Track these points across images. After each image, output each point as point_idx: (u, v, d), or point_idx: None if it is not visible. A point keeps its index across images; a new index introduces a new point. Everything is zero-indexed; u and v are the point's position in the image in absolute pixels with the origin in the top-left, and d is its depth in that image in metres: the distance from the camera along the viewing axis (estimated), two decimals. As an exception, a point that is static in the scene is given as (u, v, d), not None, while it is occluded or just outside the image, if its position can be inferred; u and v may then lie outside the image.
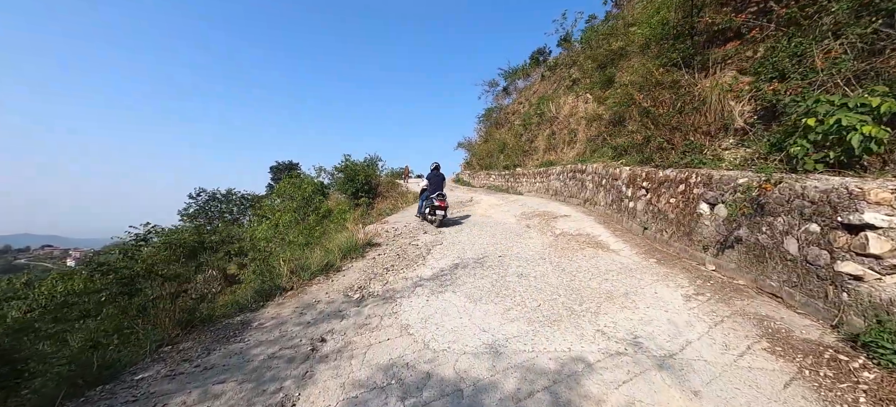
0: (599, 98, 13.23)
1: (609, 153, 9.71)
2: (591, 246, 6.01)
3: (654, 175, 6.31)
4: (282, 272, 4.69)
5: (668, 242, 5.71)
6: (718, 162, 5.46)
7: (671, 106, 6.69)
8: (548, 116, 16.03)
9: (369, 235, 7.52)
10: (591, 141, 12.47)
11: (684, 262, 5.01)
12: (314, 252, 5.65)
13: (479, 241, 6.89)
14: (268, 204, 14.21)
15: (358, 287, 4.77)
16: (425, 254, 6.29)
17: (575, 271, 4.82)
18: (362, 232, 6.79)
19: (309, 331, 3.66)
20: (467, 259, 5.71)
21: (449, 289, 4.48)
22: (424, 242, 7.15)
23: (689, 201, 5.35)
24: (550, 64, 19.71)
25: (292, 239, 9.87)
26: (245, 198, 19.40)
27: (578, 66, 16.34)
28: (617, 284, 4.32)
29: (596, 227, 7.28)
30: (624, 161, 8.06)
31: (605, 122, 12.20)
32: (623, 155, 8.80)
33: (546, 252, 5.81)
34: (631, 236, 6.46)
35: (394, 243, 7.15)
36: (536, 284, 4.47)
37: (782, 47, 5.15)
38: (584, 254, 5.59)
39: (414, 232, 8.18)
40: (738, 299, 3.73)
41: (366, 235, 7.05)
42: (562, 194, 11.65)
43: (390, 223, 9.73)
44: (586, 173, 9.91)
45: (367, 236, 7.08)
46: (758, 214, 4.06)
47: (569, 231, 7.15)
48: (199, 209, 17.41)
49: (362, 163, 20.61)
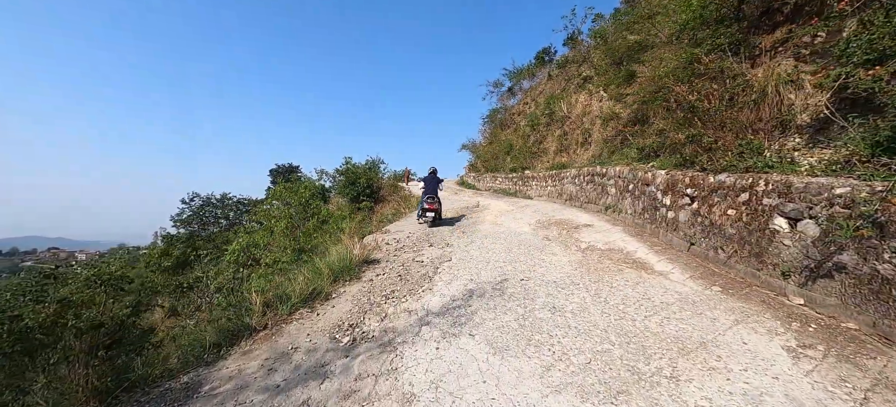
0: (615, 96, 12.17)
1: (633, 155, 8.65)
2: (630, 266, 4.95)
3: (701, 180, 5.25)
4: (253, 307, 3.66)
5: (726, 262, 4.64)
6: (791, 165, 4.39)
7: (719, 99, 5.62)
8: (558, 116, 14.97)
9: (367, 249, 6.49)
10: (607, 142, 11.41)
11: (756, 290, 3.95)
12: (297, 277, 4.62)
13: (494, 256, 5.84)
14: (262, 209, 13.24)
15: (349, 325, 3.73)
16: (432, 274, 5.25)
17: (622, 304, 3.76)
18: (358, 247, 5.77)
19: (277, 404, 2.62)
20: (483, 283, 4.66)
21: (465, 330, 3.43)
22: (430, 257, 6.11)
23: (756, 214, 4.28)
24: (560, 61, 18.65)
25: (273, 260, 8.84)
26: (241, 202, 18.41)
27: (590, 62, 15.29)
28: (684, 325, 3.27)
29: (628, 240, 6.21)
30: (656, 164, 6.99)
31: (623, 122, 11.14)
32: (652, 156, 7.73)
33: (577, 274, 4.75)
34: (675, 253, 5.39)
35: (395, 260, 6.12)
36: (576, 322, 3.42)
37: (880, 24, 4.07)
38: (624, 277, 4.53)
39: (418, 244, 7.15)
40: (867, 355, 2.66)
41: (363, 250, 6.02)
42: (577, 200, 10.58)
43: (392, 233, 8.70)
44: (608, 177, 8.84)
45: (365, 251, 6.05)
46: (879, 235, 3.00)
47: (597, 245, 6.09)
48: (192, 214, 16.46)
49: (363, 165, 19.61)
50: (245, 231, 13.09)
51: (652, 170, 6.81)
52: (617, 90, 12.18)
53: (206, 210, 16.35)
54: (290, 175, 22.19)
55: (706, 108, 5.67)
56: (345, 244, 6.14)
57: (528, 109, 21.46)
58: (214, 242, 14.52)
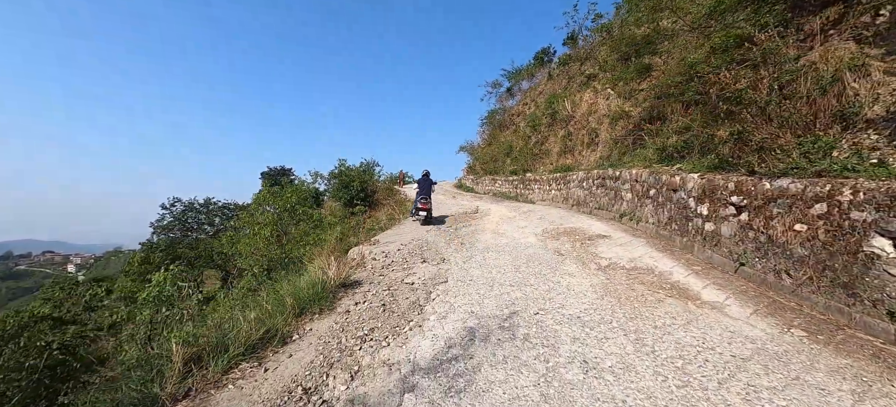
0: (625, 93, 11.17)
1: (650, 155, 7.63)
2: (670, 293, 3.91)
3: (752, 186, 4.21)
4: (172, 365, 2.57)
5: (796, 291, 3.60)
6: (882, 169, 3.36)
7: (769, 89, 4.59)
8: (562, 116, 13.95)
9: (349, 266, 5.43)
10: (617, 142, 10.38)
11: (854, 336, 2.91)
12: (248, 313, 3.51)
13: (499, 276, 4.79)
14: (246, 215, 12.17)
15: (303, 391, 2.66)
16: (423, 301, 4.19)
17: (679, 358, 2.71)
18: (335, 267, 4.67)
19: None
20: (487, 317, 3.60)
21: (464, 404, 2.37)
22: (422, 277, 5.05)
23: (840, 232, 3.25)
24: (564, 58, 17.62)
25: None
26: (227, 207, 17.21)
27: (595, 59, 14.29)
28: (784, 402, 2.21)
29: (657, 257, 5.16)
30: (684, 166, 5.96)
31: (634, 120, 10.13)
32: (676, 157, 6.70)
33: (605, 305, 3.70)
34: (721, 276, 4.35)
35: (381, 281, 5.04)
36: (623, 393, 2.36)
37: None
38: (667, 311, 3.49)
39: (409, 259, 6.08)
40: None
41: (342, 269, 4.95)
42: (586, 205, 9.55)
43: (382, 244, 7.62)
44: (622, 181, 7.80)
45: (345, 270, 4.97)
46: None
47: (620, 262, 5.04)
48: (174, 220, 15.26)
49: (358, 168, 18.54)
50: (227, 238, 12.00)
51: (680, 173, 5.77)
52: (626, 87, 11.17)
53: (189, 215, 15.22)
54: (279, 178, 21.06)
55: (753, 98, 4.64)
56: (321, 263, 5.05)
57: (527, 110, 20.46)
58: (197, 250, 13.42)
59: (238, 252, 11.41)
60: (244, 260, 11.29)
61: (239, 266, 11.82)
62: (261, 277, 9.75)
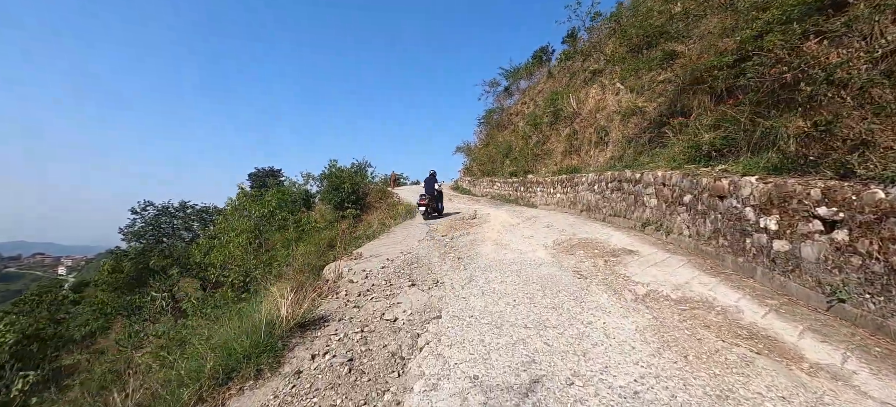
0: (636, 87, 10.02)
1: (676, 154, 6.47)
2: (752, 344, 2.71)
3: (852, 195, 3.04)
4: None
5: (953, 351, 2.42)
6: None
7: (870, 64, 3.42)
8: (566, 113, 12.78)
9: (317, 292, 4.20)
10: (631, 141, 9.22)
11: None
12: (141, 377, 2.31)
13: (508, 312, 3.58)
14: (221, 221, 10.88)
15: None
16: (407, 354, 2.98)
17: None
18: (287, 305, 3.39)
19: None
20: (497, 391, 2.39)
21: None
22: (408, 308, 3.83)
23: None
24: (569, 52, 16.48)
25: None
26: (205, 211, 15.75)
27: (602, 53, 13.13)
28: None
29: (708, 281, 3.98)
30: (733, 166, 4.79)
31: (650, 117, 8.99)
32: (715, 156, 5.54)
33: (666, 366, 2.50)
34: (808, 314, 3.16)
35: (354, 316, 3.81)
36: None
37: None
38: (766, 382, 2.30)
39: (394, 281, 4.86)
40: None
41: (304, 300, 3.70)
42: (598, 211, 8.37)
43: (364, 258, 6.38)
44: (644, 184, 6.63)
45: (306, 301, 3.73)
46: None
47: (662, 289, 3.86)
48: (146, 226, 13.80)
49: (349, 169, 17.28)
50: (199, 247, 10.69)
51: (727, 175, 4.60)
52: (638, 80, 10.03)
53: (163, 220, 13.82)
54: (267, 180, 19.69)
55: (844, 79, 3.46)
56: (274, 296, 3.76)
57: (526, 110, 19.31)
58: (172, 258, 12.10)
59: (211, 262, 10.10)
60: (218, 271, 9.99)
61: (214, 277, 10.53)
62: (234, 294, 8.49)
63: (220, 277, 10.21)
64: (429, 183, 10.83)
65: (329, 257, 6.81)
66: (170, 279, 12.93)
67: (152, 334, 6.17)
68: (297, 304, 3.58)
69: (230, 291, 9.12)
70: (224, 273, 9.94)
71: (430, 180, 10.91)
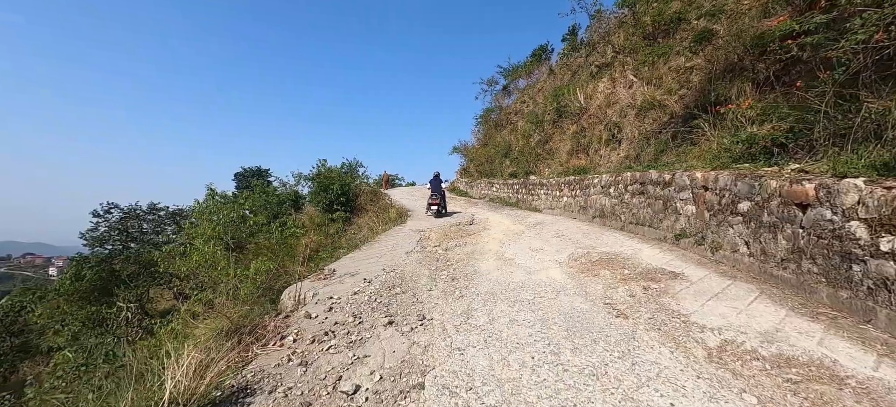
0: (652, 78, 8.84)
1: (715, 150, 5.29)
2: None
3: None
4: None
5: None
6: None
7: None
8: (572, 110, 11.58)
9: (256, 340, 2.94)
10: (649, 138, 8.02)
11: None
12: None
13: (523, 380, 2.34)
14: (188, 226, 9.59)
15: None
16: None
17: None
18: (183, 370, 2.16)
19: None
20: None
21: None
22: (378, 367, 2.59)
23: None
24: (574, 45, 15.29)
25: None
26: (177, 214, 14.37)
27: (609, 43, 11.95)
28: None
29: (809, 329, 2.75)
30: (815, 166, 3.58)
31: (670, 110, 7.81)
32: (776, 152, 4.33)
33: None
34: None
35: (296, 383, 2.55)
36: None
37: None
38: None
39: (367, 315, 3.61)
40: None
41: (223, 361, 2.46)
42: (615, 218, 7.15)
43: (336, 276, 5.11)
44: (677, 187, 5.41)
45: (225, 363, 2.48)
46: None
47: (744, 342, 2.63)
48: (111, 230, 12.44)
49: (338, 169, 16.01)
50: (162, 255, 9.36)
51: (810, 177, 3.39)
52: (654, 72, 8.85)
53: (130, 224, 12.46)
54: (252, 180, 18.35)
55: None
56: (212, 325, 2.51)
57: (526, 108, 18.11)
58: (140, 263, 10.76)
59: (176, 271, 8.80)
60: (183, 283, 8.67)
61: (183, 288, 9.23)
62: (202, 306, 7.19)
63: (188, 290, 8.91)
64: (436, 184, 11.19)
65: (299, 273, 5.53)
66: (136, 289, 11.61)
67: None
68: (207, 366, 2.31)
69: (198, 302, 7.83)
70: (191, 286, 8.64)
71: (436, 181, 11.26)
